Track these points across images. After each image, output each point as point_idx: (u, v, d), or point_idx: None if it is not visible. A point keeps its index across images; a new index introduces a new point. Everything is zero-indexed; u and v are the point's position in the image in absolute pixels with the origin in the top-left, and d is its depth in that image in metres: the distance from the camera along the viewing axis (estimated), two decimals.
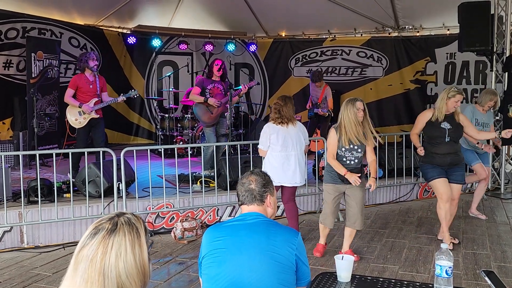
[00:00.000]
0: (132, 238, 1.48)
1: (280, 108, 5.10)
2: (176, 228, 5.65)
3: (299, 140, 5.15)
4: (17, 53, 8.46)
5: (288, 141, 5.09)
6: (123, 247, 1.45)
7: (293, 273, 2.36)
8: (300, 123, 5.29)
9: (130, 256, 1.45)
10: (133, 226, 1.51)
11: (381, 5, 9.58)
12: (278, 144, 5.08)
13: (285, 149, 5.09)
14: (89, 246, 1.45)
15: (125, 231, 1.48)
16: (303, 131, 5.26)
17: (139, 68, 11.30)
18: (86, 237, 1.48)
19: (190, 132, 9.38)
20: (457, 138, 5.15)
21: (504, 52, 7.90)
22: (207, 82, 7.09)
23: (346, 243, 4.93)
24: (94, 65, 6.71)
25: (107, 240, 1.45)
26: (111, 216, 1.54)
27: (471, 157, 6.22)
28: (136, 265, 1.46)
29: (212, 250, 2.37)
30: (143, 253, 1.49)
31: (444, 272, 2.27)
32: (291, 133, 5.10)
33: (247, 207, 2.55)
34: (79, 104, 6.61)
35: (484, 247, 5.20)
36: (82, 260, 1.44)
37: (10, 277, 4.51)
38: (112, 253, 1.43)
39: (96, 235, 1.47)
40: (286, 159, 5.09)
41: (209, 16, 11.01)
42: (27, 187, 5.62)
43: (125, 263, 1.44)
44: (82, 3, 9.64)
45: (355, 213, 4.78)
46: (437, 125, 5.08)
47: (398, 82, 10.97)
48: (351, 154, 4.72)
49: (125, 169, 5.73)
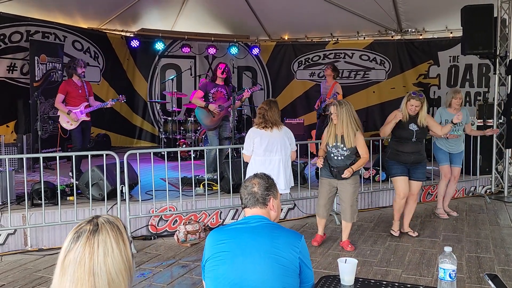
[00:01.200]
0: (116, 235, 1.51)
1: (264, 112, 5.06)
2: (179, 231, 5.65)
3: (284, 144, 5.06)
4: (21, 56, 8.50)
5: (272, 146, 5.01)
6: (109, 244, 1.48)
7: (296, 276, 2.36)
8: (285, 128, 5.19)
9: (116, 251, 1.48)
10: (113, 224, 1.54)
11: (384, 8, 9.59)
12: (261, 148, 5.02)
13: (269, 154, 5.02)
14: (74, 249, 1.46)
15: (108, 229, 1.51)
16: (289, 135, 5.15)
17: (142, 71, 11.33)
18: (69, 242, 1.49)
19: (193, 135, 9.39)
20: (422, 139, 5.61)
21: (507, 55, 7.89)
22: (210, 86, 7.11)
23: (343, 234, 5.36)
24: (81, 72, 7.05)
25: (92, 240, 1.47)
26: (89, 219, 1.56)
27: (442, 157, 6.52)
28: (123, 260, 1.50)
29: (216, 253, 2.38)
30: (127, 249, 1.53)
31: (447, 276, 2.26)
32: (276, 137, 5.02)
33: (250, 210, 2.55)
34: (67, 111, 6.90)
35: (487, 251, 5.18)
36: (69, 264, 1.45)
37: (14, 280, 4.52)
38: (99, 251, 1.46)
39: (80, 237, 1.48)
40: (269, 164, 5.01)
41: (212, 19, 11.03)
42: (30, 190, 5.63)
43: (113, 259, 1.47)
44: (86, 7, 9.68)
45: (345, 207, 5.22)
46: (406, 126, 5.48)
47: (401, 85, 10.98)
48: (337, 151, 5.10)
49: (128, 172, 5.73)
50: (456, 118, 5.52)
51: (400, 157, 5.51)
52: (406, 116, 5.46)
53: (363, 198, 6.96)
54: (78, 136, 7.05)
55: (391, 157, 5.60)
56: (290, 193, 6.48)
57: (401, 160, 5.51)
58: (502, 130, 8.02)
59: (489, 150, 7.96)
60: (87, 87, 7.20)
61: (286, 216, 6.55)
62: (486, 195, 7.71)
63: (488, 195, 7.77)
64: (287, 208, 6.55)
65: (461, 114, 5.58)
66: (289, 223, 6.36)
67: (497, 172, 8.08)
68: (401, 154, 5.50)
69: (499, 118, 8.09)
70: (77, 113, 6.97)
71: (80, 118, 6.99)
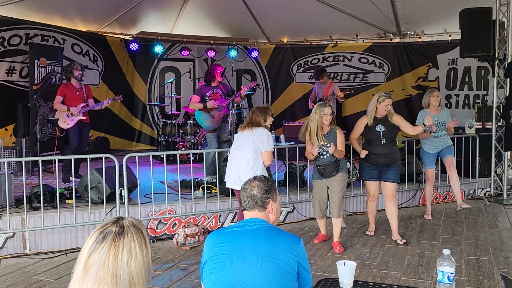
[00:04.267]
0: (140, 239, 1.54)
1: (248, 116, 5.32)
2: (178, 234, 5.65)
3: (247, 142, 5.01)
4: (20, 59, 8.50)
5: (238, 143, 5.15)
6: (133, 247, 1.51)
7: (295, 279, 2.36)
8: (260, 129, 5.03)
9: (139, 256, 1.51)
10: (138, 228, 1.57)
11: (382, 11, 9.60)
12: (232, 146, 5.27)
13: (235, 150, 5.17)
14: (99, 250, 1.49)
15: (133, 233, 1.53)
16: (257, 135, 4.99)
17: (141, 74, 11.34)
18: (94, 242, 1.51)
19: (192, 138, 9.39)
20: (392, 139, 5.64)
21: (506, 58, 7.90)
22: (205, 89, 7.13)
23: (334, 233, 5.48)
24: (78, 74, 7.17)
25: (118, 242, 1.50)
26: (114, 219, 1.58)
27: (426, 161, 6.68)
28: (144, 264, 1.52)
29: (214, 256, 2.38)
30: (149, 253, 1.57)
31: (446, 278, 2.27)
32: (244, 136, 5.11)
33: (249, 213, 2.56)
34: (67, 107, 7.01)
35: (487, 253, 5.18)
36: (93, 264, 1.47)
37: (13, 283, 4.51)
38: (124, 254, 1.48)
39: (105, 238, 1.51)
40: (234, 159, 5.14)
41: (211, 22, 11.05)
42: (29, 193, 5.63)
43: (136, 263, 1.50)
44: (85, 10, 9.69)
45: (333, 203, 5.45)
46: (372, 128, 5.61)
47: (400, 88, 10.99)
48: (322, 150, 5.30)
49: (128, 175, 5.74)
50: (427, 120, 5.68)
51: (371, 159, 5.63)
52: (371, 118, 5.61)
53: (363, 201, 6.95)
54: (74, 135, 7.11)
55: (363, 159, 5.73)
56: (289, 196, 6.50)
57: (372, 162, 5.64)
58: (501, 133, 8.03)
59: (488, 153, 7.96)
60: (86, 90, 7.30)
61: (285, 219, 6.55)
62: (485, 197, 7.71)
63: (487, 197, 7.77)
64: (286, 211, 6.55)
65: (430, 118, 5.73)
66: (288, 226, 6.35)
67: (496, 175, 8.08)
68: (372, 156, 5.62)
69: (498, 121, 8.10)
70: (76, 109, 7.03)
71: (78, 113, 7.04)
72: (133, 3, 9.90)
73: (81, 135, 7.22)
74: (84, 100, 7.19)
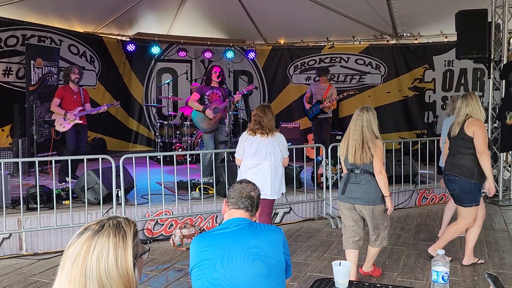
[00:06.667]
0: (117, 241, 1.46)
1: (260, 119, 4.86)
2: (175, 235, 5.65)
3: (273, 150, 4.84)
4: (17, 60, 8.49)
5: (261, 151, 4.83)
6: (106, 248, 1.44)
7: (283, 271, 2.44)
8: (279, 134, 4.94)
9: (111, 258, 1.43)
10: (121, 229, 1.49)
11: (379, 13, 9.63)
12: (250, 153, 4.87)
13: (258, 159, 4.85)
14: (74, 245, 1.45)
15: (110, 233, 1.46)
16: (280, 142, 4.92)
17: (138, 76, 11.33)
18: (74, 236, 1.48)
19: (189, 139, 9.39)
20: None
21: (501, 60, 7.93)
22: (205, 88, 7.16)
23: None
24: (75, 78, 7.19)
25: (91, 240, 1.44)
26: (102, 218, 1.53)
27: None
28: (117, 268, 1.44)
29: (200, 261, 2.39)
30: (127, 257, 1.46)
31: (440, 278, 2.28)
32: (265, 143, 4.83)
33: (237, 212, 2.58)
34: (64, 112, 7.03)
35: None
36: (67, 259, 1.44)
37: (9, 284, 4.51)
38: (94, 253, 1.43)
39: (82, 235, 1.47)
40: (258, 169, 4.84)
41: (208, 23, 11.06)
42: (26, 194, 5.62)
43: (106, 265, 1.42)
44: (82, 11, 9.68)
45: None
46: None
47: (396, 89, 11.02)
48: None
49: (124, 176, 5.74)
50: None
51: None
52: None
53: None
54: (71, 138, 7.12)
55: (480, 180, 4.68)
56: (286, 197, 6.50)
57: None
58: (496, 134, 8.06)
59: None
60: (84, 94, 7.32)
61: (282, 220, 6.56)
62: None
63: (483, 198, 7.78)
64: (283, 212, 6.56)
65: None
66: (285, 227, 6.36)
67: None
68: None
69: (494, 122, 8.13)
70: (72, 115, 7.05)
71: (74, 119, 7.06)
72: (130, 4, 9.90)
73: (78, 138, 7.21)
74: (81, 104, 7.21)
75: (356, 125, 4.24)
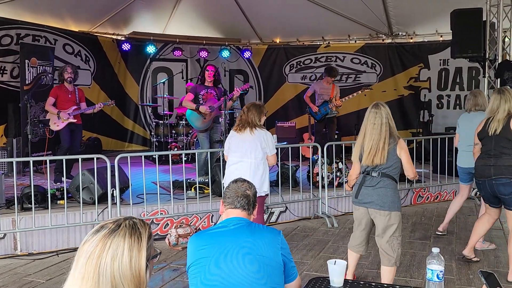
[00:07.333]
0: (132, 242, 1.49)
1: (242, 114, 4.86)
2: (170, 235, 5.63)
3: (254, 148, 4.76)
4: (11, 59, 8.45)
5: (241, 148, 4.79)
6: (121, 248, 1.46)
7: (281, 273, 2.41)
8: (262, 131, 4.81)
9: (126, 258, 1.46)
10: (137, 230, 1.52)
11: (375, 12, 9.64)
12: (232, 149, 4.86)
13: (239, 155, 4.81)
14: (90, 242, 1.48)
15: (126, 233, 1.49)
16: (263, 139, 4.79)
17: (133, 75, 11.31)
18: (90, 233, 1.51)
19: (184, 139, 9.38)
20: None
21: (496, 59, 7.95)
22: (200, 88, 7.15)
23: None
24: (68, 77, 7.17)
25: (107, 239, 1.47)
26: (118, 218, 1.56)
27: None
28: (131, 268, 1.46)
29: (198, 260, 2.38)
30: (141, 258, 1.49)
31: (435, 276, 2.28)
32: (246, 140, 4.77)
33: (234, 211, 2.57)
34: (57, 111, 7.02)
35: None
36: (82, 254, 1.46)
37: (4, 284, 4.48)
38: (109, 252, 1.45)
39: (99, 232, 1.49)
40: (240, 166, 4.79)
41: (203, 23, 11.04)
42: (20, 194, 5.59)
43: (120, 265, 1.45)
44: (77, 10, 9.65)
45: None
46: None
47: (392, 88, 11.05)
48: None
49: (119, 175, 5.72)
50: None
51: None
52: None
53: None
54: (65, 137, 7.11)
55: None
56: (281, 196, 6.50)
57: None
58: None
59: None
60: (79, 93, 7.31)
61: (277, 219, 6.56)
62: (476, 197, 7.75)
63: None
64: (278, 211, 6.56)
65: None
66: (281, 226, 6.36)
67: None
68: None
69: None
70: (65, 114, 7.05)
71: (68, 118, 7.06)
72: (125, 3, 9.87)
73: (72, 136, 7.20)
74: (76, 103, 7.20)
75: (375, 123, 3.83)
